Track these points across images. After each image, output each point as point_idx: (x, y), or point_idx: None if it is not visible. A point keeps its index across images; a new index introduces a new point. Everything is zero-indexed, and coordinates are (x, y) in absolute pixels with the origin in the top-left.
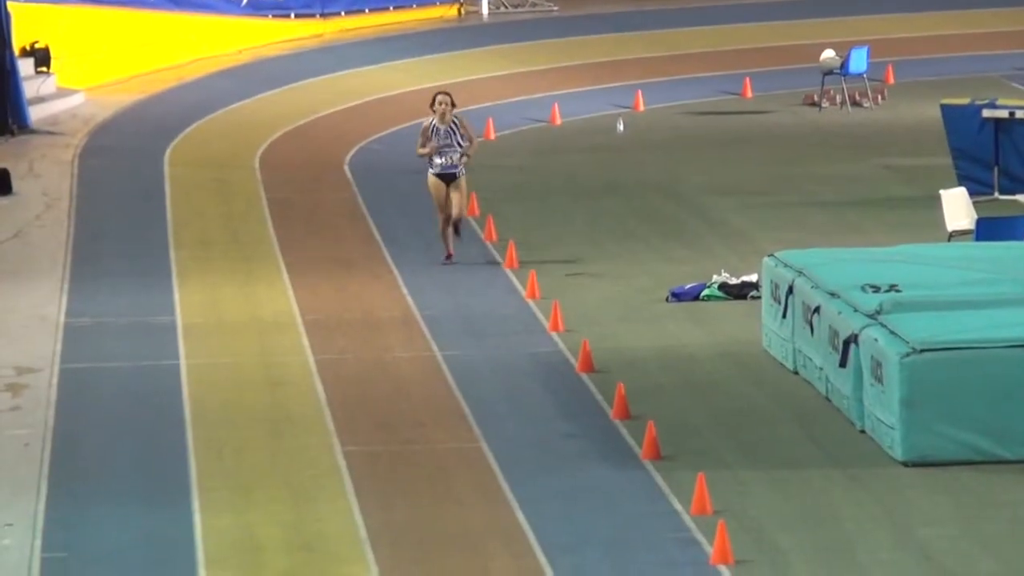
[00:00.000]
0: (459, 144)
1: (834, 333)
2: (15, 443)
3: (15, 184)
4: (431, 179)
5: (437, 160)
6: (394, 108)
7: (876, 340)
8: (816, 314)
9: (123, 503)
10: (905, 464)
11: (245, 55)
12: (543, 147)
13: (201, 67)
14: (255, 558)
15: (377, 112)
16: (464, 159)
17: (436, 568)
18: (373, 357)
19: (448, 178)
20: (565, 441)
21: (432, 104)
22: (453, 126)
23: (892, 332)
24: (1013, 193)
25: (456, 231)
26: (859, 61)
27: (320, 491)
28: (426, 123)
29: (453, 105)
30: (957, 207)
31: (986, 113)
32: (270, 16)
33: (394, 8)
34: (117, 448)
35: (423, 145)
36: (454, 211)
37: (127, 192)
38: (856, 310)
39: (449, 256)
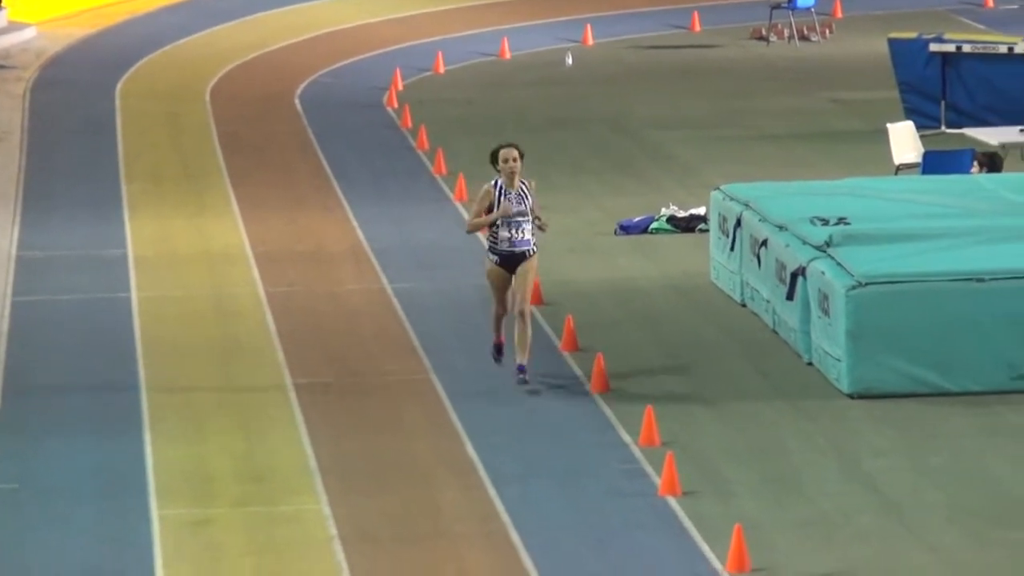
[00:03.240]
0: (532, 212)
1: (781, 266)
2: None
3: None
4: (494, 271)
5: (504, 234)
6: (344, 42)
7: (823, 273)
8: (764, 247)
9: (75, 435)
10: (851, 396)
11: None
12: (492, 81)
13: (151, 1)
14: (206, 488)
15: (327, 46)
16: (538, 232)
17: (385, 499)
18: (323, 289)
19: (515, 261)
20: (513, 373)
21: (494, 161)
22: (524, 190)
23: (839, 265)
24: (960, 127)
25: (523, 322)
26: None
27: (270, 422)
28: (487, 186)
29: (521, 158)
30: (904, 141)
31: (933, 47)
32: None
33: None
34: (69, 380)
35: (479, 214)
36: (517, 299)
37: (79, 125)
38: (804, 243)
39: (499, 346)
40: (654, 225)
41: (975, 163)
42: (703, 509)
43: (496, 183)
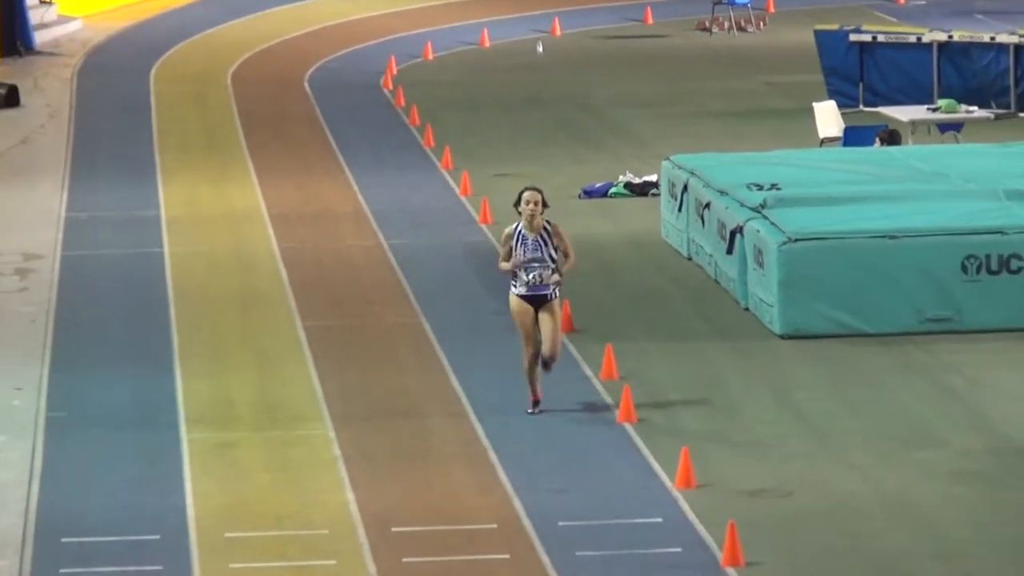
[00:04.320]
0: (551, 258)
1: (722, 225)
2: (23, 319)
3: (23, 98)
4: (514, 301)
5: (523, 277)
6: (346, 33)
7: (758, 231)
8: (707, 209)
9: (115, 370)
10: (782, 337)
11: None
12: (474, 66)
13: None
14: (228, 416)
15: (332, 36)
16: (556, 278)
17: (382, 425)
18: (328, 245)
19: (536, 301)
20: (493, 317)
21: (517, 204)
22: (544, 235)
23: (772, 224)
24: (875, 106)
25: (547, 367)
26: None
27: (283, 359)
28: (509, 229)
29: (545, 206)
30: (828, 118)
31: (853, 37)
32: None
33: None
34: (110, 323)
35: (505, 258)
36: (545, 346)
37: (118, 104)
38: (742, 205)
39: (536, 402)
40: (613, 190)
41: (877, 139)
42: (655, 434)
43: (516, 227)
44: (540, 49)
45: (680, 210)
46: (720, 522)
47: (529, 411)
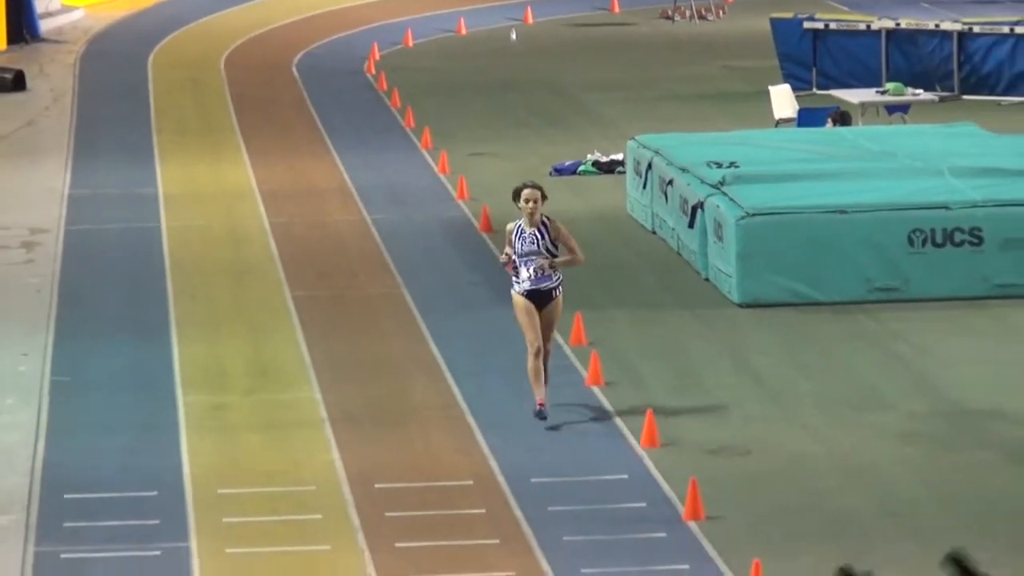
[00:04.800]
0: (548, 251)
1: (684, 200)
2: (29, 289)
3: (29, 82)
4: (517, 299)
5: (523, 272)
6: (332, 21)
7: (718, 206)
8: (670, 185)
9: (116, 337)
10: (740, 306)
11: None
12: (452, 52)
13: None
14: (221, 381)
15: (319, 24)
16: (558, 274)
17: (365, 389)
18: (315, 220)
19: (540, 298)
20: (470, 288)
21: (516, 199)
22: (542, 229)
23: (730, 200)
24: (827, 89)
25: (544, 367)
26: None
27: (273, 327)
28: (510, 226)
29: (544, 198)
30: (783, 100)
31: (806, 25)
32: None
33: None
34: (111, 294)
35: (507, 255)
36: (543, 344)
37: (118, 89)
38: (702, 182)
39: (541, 407)
40: (582, 168)
41: (829, 120)
42: (621, 397)
43: (517, 224)
44: (514, 36)
45: (645, 187)
46: (682, 479)
47: (538, 414)
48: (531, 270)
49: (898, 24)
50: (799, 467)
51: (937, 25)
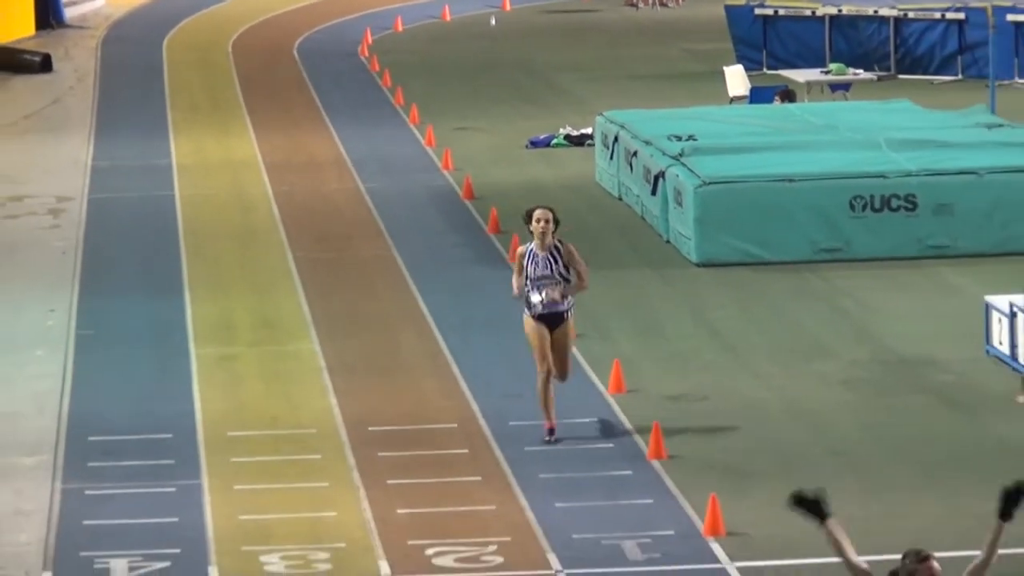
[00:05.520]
0: (561, 276)
1: (647, 170)
2: (55, 251)
3: (55, 64)
4: (528, 323)
5: (534, 298)
6: (330, 8)
7: (677, 175)
8: (634, 156)
9: (134, 294)
10: (698, 265)
11: None
12: (437, 37)
13: None
14: (229, 334)
15: (318, 11)
16: (569, 298)
17: (360, 341)
18: (314, 188)
19: (551, 321)
20: (454, 249)
21: (527, 220)
22: (554, 252)
23: (689, 169)
24: (776, 69)
25: (561, 379)
26: None
27: (276, 286)
28: (522, 249)
29: (556, 223)
30: (736, 79)
31: (757, 11)
32: None
33: None
34: (129, 255)
35: (518, 277)
36: (557, 368)
37: (136, 70)
38: (664, 154)
39: (551, 430)
40: (555, 141)
41: (777, 97)
42: (590, 348)
43: (528, 247)
44: (493, 22)
45: (612, 158)
46: (646, 422)
47: (545, 439)
48: (543, 294)
49: (840, 11)
50: (752, 411)
51: (876, 11)
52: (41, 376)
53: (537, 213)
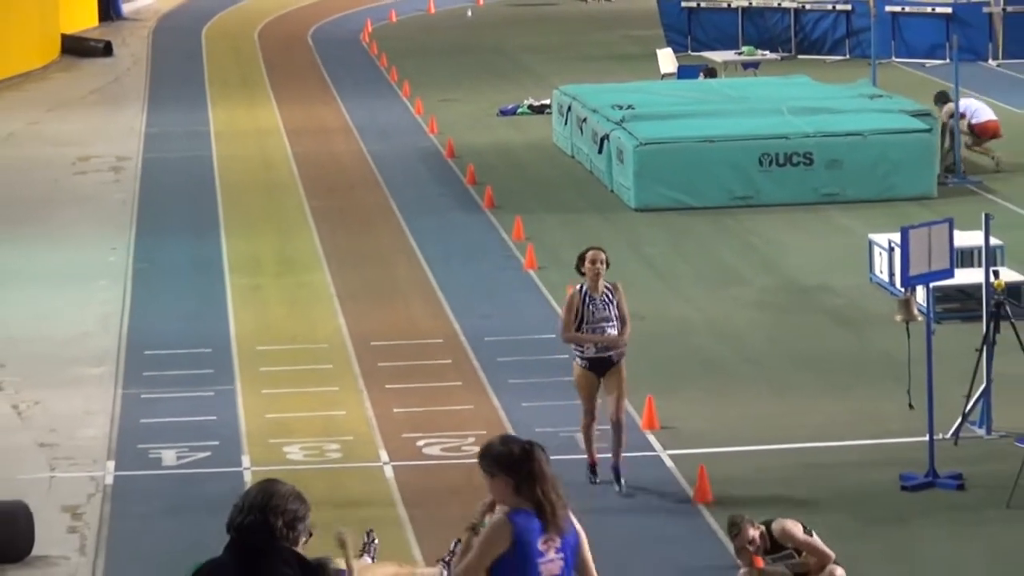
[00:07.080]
0: (616, 316)
1: (595, 133)
2: (116, 201)
3: (115, 50)
4: (578, 371)
5: (588, 341)
6: (338, 3)
7: (619, 137)
8: (584, 122)
9: (180, 235)
10: (636, 210)
11: None
12: (424, 26)
13: None
14: (257, 267)
15: (328, 5)
16: (624, 343)
17: (364, 272)
18: (324, 150)
19: (602, 366)
20: (439, 198)
21: (579, 265)
22: (609, 295)
23: (629, 133)
24: (699, 51)
25: (618, 431)
26: None
27: (295, 228)
28: (572, 291)
29: (608, 265)
30: (666, 60)
31: (683, 4)
32: None
33: None
34: (176, 203)
35: (568, 324)
36: (611, 410)
37: (180, 55)
38: (608, 120)
39: (593, 465)
40: (520, 110)
41: (700, 74)
42: (550, 277)
43: (581, 288)
44: (470, 14)
45: (566, 124)
46: None
47: (591, 479)
48: (603, 336)
49: (751, 3)
50: (680, 328)
51: (779, 3)
52: (105, 302)
53: (590, 255)
